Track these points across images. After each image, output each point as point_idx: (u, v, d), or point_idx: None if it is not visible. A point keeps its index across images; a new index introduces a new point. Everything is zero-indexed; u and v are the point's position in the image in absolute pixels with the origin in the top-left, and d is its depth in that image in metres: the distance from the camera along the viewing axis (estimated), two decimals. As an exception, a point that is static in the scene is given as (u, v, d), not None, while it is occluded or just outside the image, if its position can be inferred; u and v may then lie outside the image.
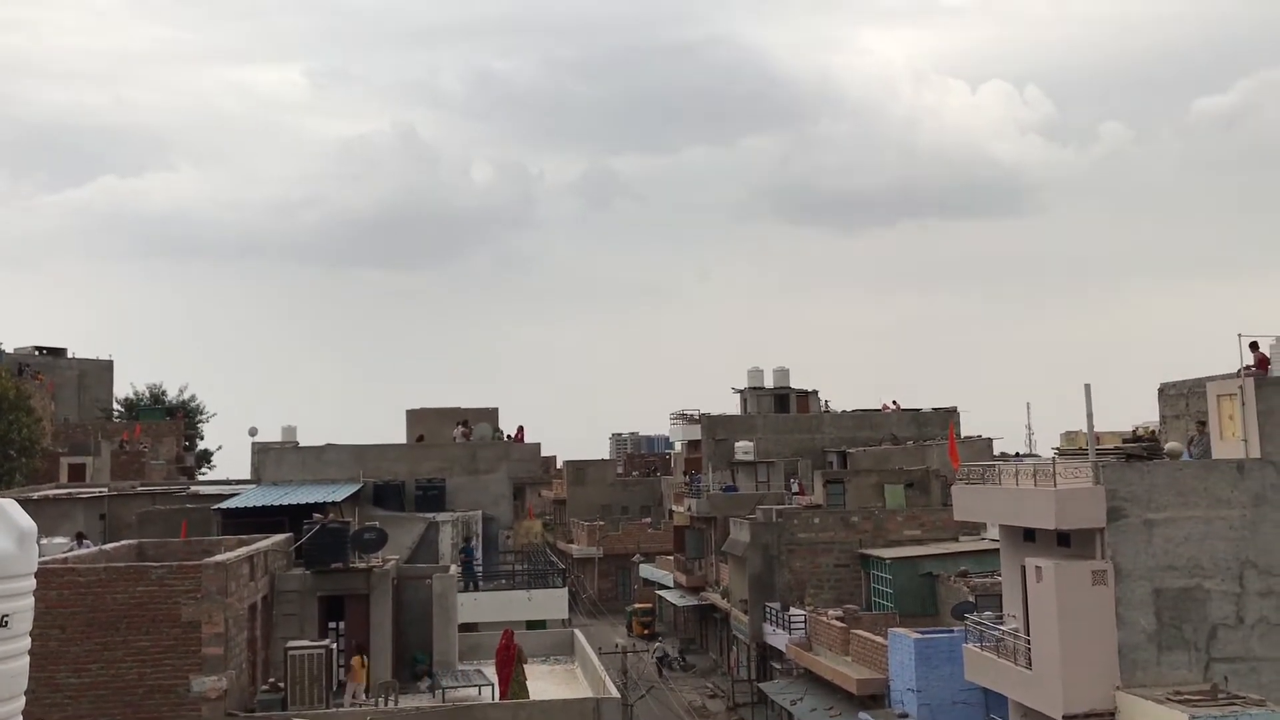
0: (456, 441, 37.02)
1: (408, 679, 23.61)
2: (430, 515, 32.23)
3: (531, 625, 31.55)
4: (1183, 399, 31.25)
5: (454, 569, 27.46)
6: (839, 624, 33.98)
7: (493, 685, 22.83)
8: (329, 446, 36.40)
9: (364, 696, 21.87)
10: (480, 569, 32.74)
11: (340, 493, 31.34)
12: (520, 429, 43.09)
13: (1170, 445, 22.80)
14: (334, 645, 21.96)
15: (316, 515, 25.53)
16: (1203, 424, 25.91)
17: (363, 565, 23.82)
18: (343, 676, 22.21)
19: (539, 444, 49.04)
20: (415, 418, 40.39)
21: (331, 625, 23.35)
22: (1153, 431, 32.82)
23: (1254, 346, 23.06)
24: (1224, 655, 20.45)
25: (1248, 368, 22.39)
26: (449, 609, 25.10)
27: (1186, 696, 19.08)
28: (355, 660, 22.22)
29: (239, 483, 38.51)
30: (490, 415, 40.34)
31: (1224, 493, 20.82)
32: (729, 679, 45.74)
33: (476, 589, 31.28)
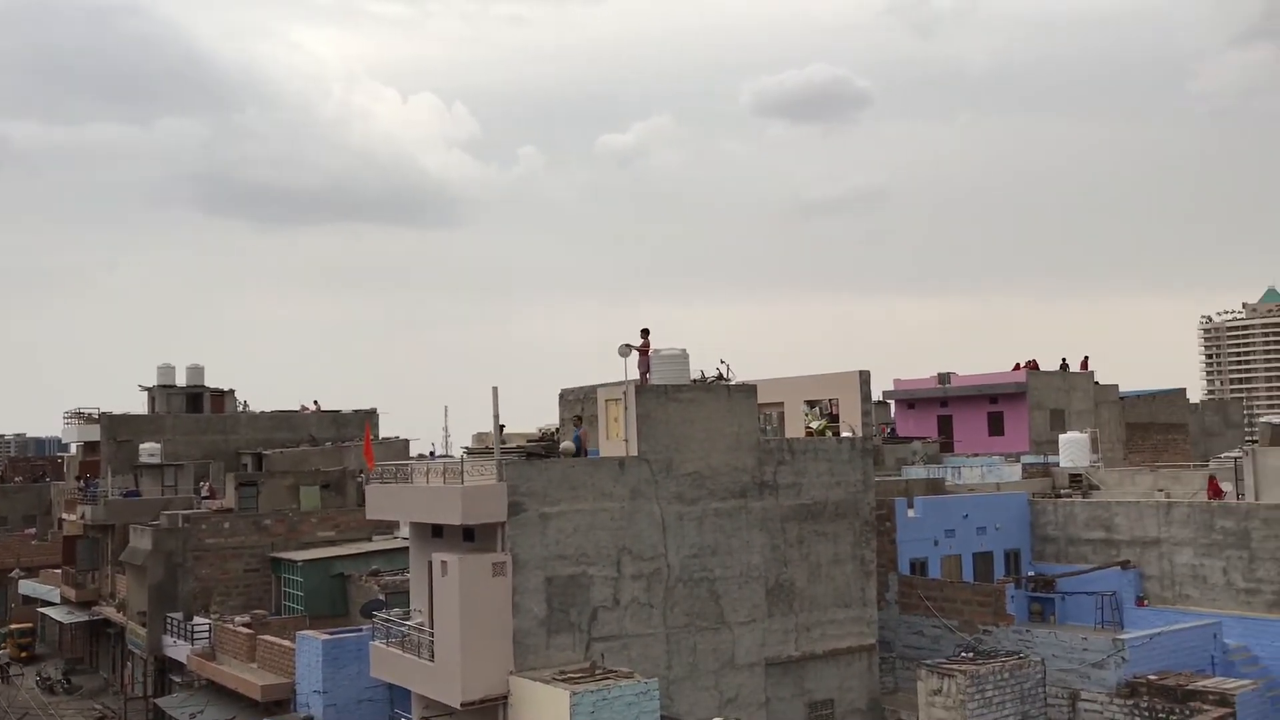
0: None
1: None
2: None
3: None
4: (579, 403, 34.22)
5: None
6: (246, 630, 32.85)
7: None
8: None
9: None
10: None
11: None
12: None
13: (564, 444, 24.80)
14: None
15: None
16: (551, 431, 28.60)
17: None
18: None
19: (-108, 445, 42.01)
20: None
21: None
22: (554, 432, 35.54)
23: (644, 333, 25.86)
24: (603, 635, 22.65)
25: (632, 345, 25.01)
26: None
27: (569, 675, 20.87)
28: None
29: None
30: None
31: (608, 487, 23.09)
32: (122, 698, 42.31)
33: None
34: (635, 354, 25.41)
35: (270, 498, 43.03)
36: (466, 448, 43.38)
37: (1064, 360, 52.52)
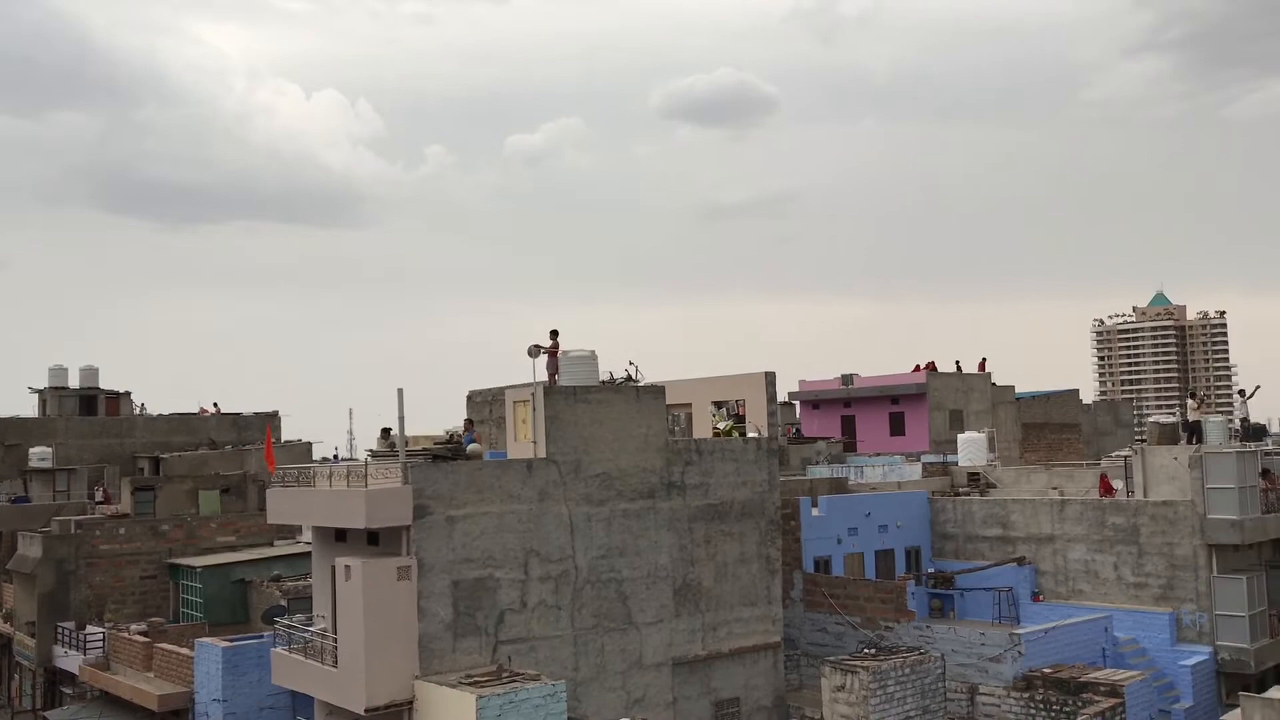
0: None
1: None
2: None
3: None
4: (487, 405, 34.04)
5: None
6: (142, 639, 31.96)
7: None
8: None
9: None
10: None
11: None
12: None
13: (471, 447, 24.63)
14: None
15: None
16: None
17: None
18: None
19: None
20: None
21: None
22: (461, 434, 35.24)
23: (554, 334, 25.81)
24: (509, 637, 22.56)
25: (540, 346, 25.00)
26: None
27: (476, 679, 20.74)
28: None
29: None
30: None
31: (515, 489, 22.99)
32: (9, 712, 40.87)
33: None
34: (544, 355, 25.36)
35: (168, 502, 41.96)
36: (371, 450, 42.90)
37: (957, 362, 53.85)
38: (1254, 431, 34.85)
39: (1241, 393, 37.16)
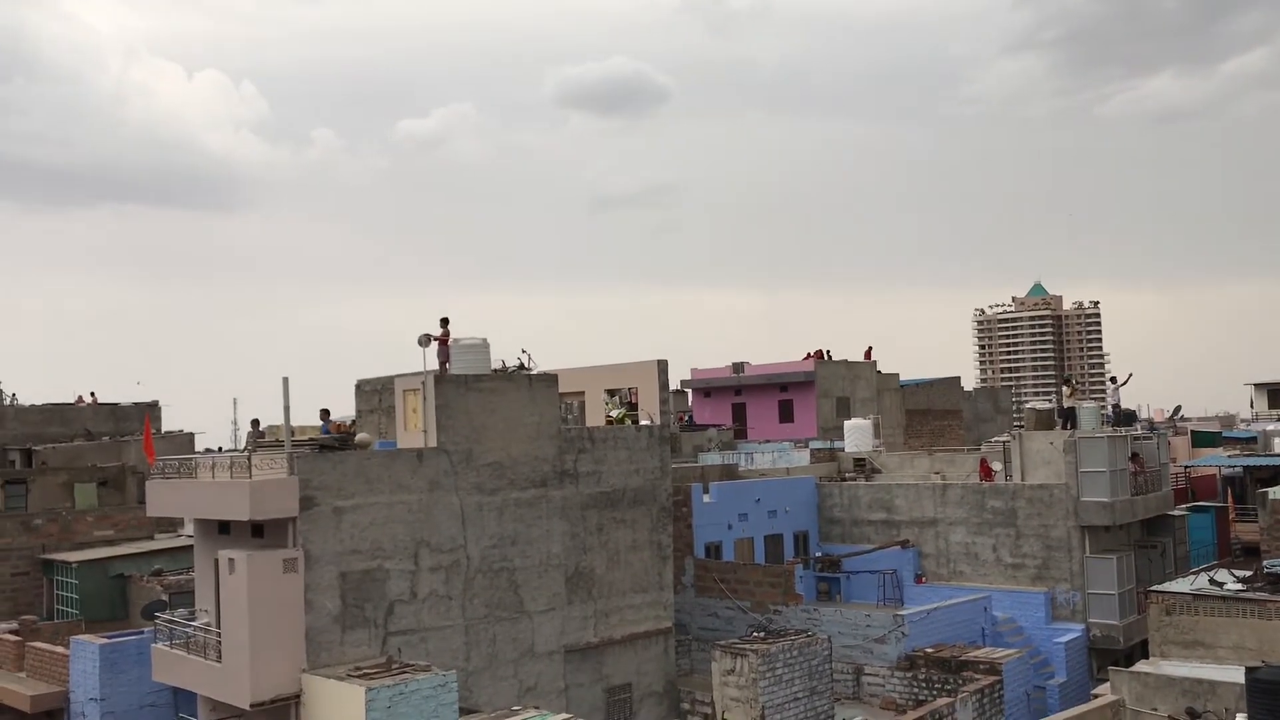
0: None
1: None
2: None
3: None
4: (376, 394, 33.54)
5: None
6: (13, 638, 30.79)
7: None
8: None
9: None
10: None
11: None
12: None
13: (360, 436, 24.26)
14: None
15: None
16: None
17: None
18: None
19: None
20: None
21: None
22: (350, 424, 34.68)
23: (444, 322, 25.51)
24: (399, 629, 22.33)
25: (431, 335, 24.71)
26: None
27: (365, 671, 20.48)
28: None
29: None
30: None
31: (405, 479, 22.74)
32: None
33: None
34: (434, 343, 25.09)
35: (42, 496, 40.46)
36: (254, 438, 41.88)
37: (828, 351, 54.74)
38: (1125, 417, 36.28)
39: (1114, 380, 38.64)
